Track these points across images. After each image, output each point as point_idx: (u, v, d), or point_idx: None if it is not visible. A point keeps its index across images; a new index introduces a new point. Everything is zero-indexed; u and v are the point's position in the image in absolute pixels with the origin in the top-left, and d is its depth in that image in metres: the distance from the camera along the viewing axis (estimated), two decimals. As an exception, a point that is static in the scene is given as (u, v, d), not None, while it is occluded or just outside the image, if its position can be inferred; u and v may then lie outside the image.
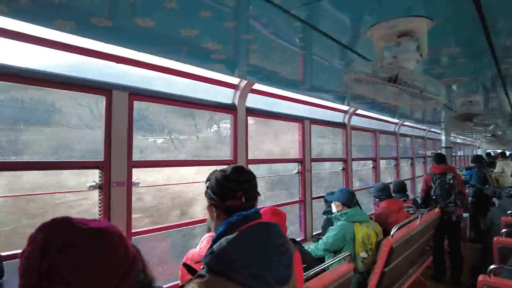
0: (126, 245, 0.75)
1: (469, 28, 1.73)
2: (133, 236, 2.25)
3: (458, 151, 12.87)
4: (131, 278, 0.73)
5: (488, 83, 3.16)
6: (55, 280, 0.63)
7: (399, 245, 2.84)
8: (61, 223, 0.69)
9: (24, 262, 0.66)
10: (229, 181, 1.15)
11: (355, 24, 1.62)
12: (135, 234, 2.27)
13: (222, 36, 1.79)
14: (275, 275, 1.04)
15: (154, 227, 2.40)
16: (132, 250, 0.78)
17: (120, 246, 0.73)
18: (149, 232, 2.35)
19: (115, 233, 0.73)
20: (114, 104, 2.18)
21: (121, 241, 0.74)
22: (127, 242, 0.76)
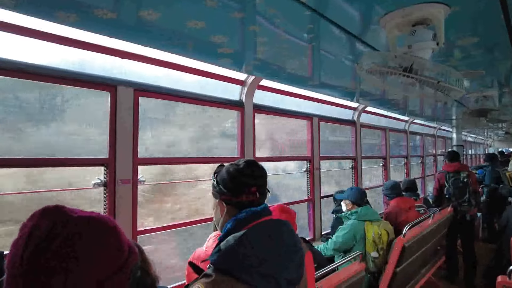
0: (118, 239, 0.69)
1: (489, 17, 1.65)
2: (139, 235, 2.21)
3: (469, 150, 12.63)
4: (124, 273, 0.68)
5: (505, 77, 3.05)
6: (38, 268, 0.58)
7: (411, 244, 2.76)
8: (51, 211, 0.65)
9: (11, 250, 0.62)
10: (243, 175, 1.09)
11: (368, 13, 1.55)
12: (141, 232, 2.23)
13: (228, 28, 1.74)
14: (286, 275, 0.98)
15: (160, 226, 2.36)
16: (128, 246, 0.72)
17: (110, 238, 0.67)
18: (155, 230, 2.31)
19: (106, 224, 0.68)
20: (119, 100, 2.14)
21: (112, 233, 0.69)
22: (120, 236, 0.70)
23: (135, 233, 2.18)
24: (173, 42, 1.92)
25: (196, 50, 2.06)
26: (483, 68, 2.60)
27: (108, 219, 0.70)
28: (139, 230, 2.21)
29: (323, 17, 1.60)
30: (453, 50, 2.16)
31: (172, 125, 2.76)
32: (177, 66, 2.47)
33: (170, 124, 2.73)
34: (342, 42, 2.00)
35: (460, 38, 1.90)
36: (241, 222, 1.05)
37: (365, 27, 1.73)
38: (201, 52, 2.12)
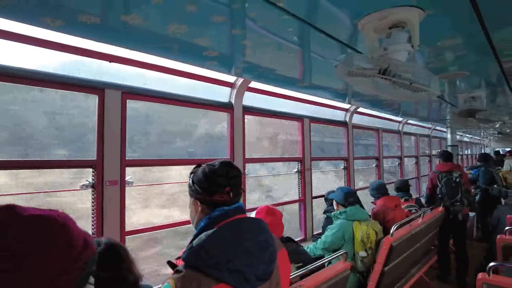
0: (69, 235, 0.72)
1: (463, 20, 1.68)
2: (127, 236, 2.24)
3: (465, 150, 12.67)
4: (76, 268, 0.70)
5: (490, 78, 3.09)
6: None
7: (399, 244, 2.79)
8: (1, 210, 0.67)
9: None
10: (218, 176, 1.13)
11: (346, 15, 1.58)
12: (129, 233, 2.26)
13: (211, 31, 1.76)
14: (255, 271, 1.01)
15: (148, 227, 2.38)
16: (84, 240, 0.75)
17: (58, 234, 0.70)
18: (143, 231, 2.34)
19: (54, 221, 0.71)
20: (106, 103, 2.18)
21: (61, 230, 0.71)
22: (72, 232, 0.73)
23: (123, 233, 2.21)
24: (158, 45, 1.95)
25: (181, 53, 2.09)
26: (467, 69, 2.63)
27: (58, 216, 0.72)
28: (127, 231, 2.24)
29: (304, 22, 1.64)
30: (436, 52, 2.19)
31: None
32: (166, 69, 2.51)
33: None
34: (326, 45, 2.03)
35: (439, 40, 1.93)
36: (214, 220, 1.08)
37: (346, 30, 1.76)
38: (187, 55, 2.15)
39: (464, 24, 1.76)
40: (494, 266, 1.81)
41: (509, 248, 2.41)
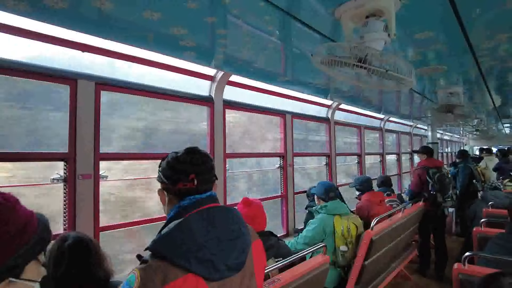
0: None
1: (440, 13, 1.69)
2: (101, 231, 2.16)
3: (445, 148, 12.96)
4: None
5: (468, 74, 3.14)
6: None
7: (380, 238, 2.80)
8: None
9: None
10: (180, 163, 1.08)
11: (323, 3, 1.56)
12: (103, 228, 2.18)
13: (186, 19, 1.71)
14: (226, 261, 0.97)
15: (123, 222, 2.31)
16: (20, 227, 0.73)
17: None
18: (118, 227, 2.26)
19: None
20: (79, 94, 2.09)
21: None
22: (8, 215, 0.72)
23: (97, 229, 2.13)
24: (131, 34, 1.88)
25: (157, 43, 2.02)
26: (445, 65, 2.67)
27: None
28: (101, 227, 2.16)
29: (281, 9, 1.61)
30: (413, 46, 2.20)
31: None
32: (144, 61, 2.45)
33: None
34: (303, 36, 2.01)
35: (416, 32, 1.94)
36: (184, 209, 1.04)
37: (325, 21, 1.74)
38: (163, 45, 2.09)
39: (441, 18, 1.77)
40: (469, 256, 1.83)
41: (484, 239, 2.45)
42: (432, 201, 4.07)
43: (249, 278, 1.07)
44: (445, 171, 4.15)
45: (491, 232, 2.51)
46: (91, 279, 1.34)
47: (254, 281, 1.10)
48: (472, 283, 1.17)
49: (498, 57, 2.52)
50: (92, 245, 1.41)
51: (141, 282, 0.86)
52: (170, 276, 0.88)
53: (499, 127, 10.22)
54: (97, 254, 1.41)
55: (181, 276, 0.89)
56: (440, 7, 1.62)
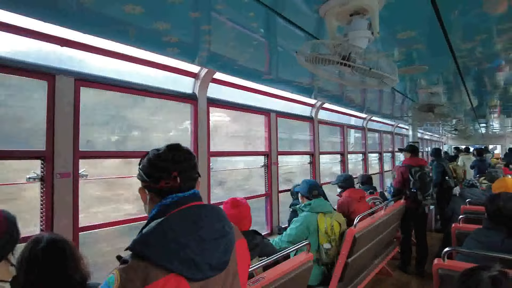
0: None
1: (422, 13, 1.72)
2: (81, 232, 2.10)
3: (426, 147, 13.30)
4: None
5: (448, 75, 3.22)
6: None
7: (363, 235, 2.83)
8: None
9: None
10: (162, 160, 1.05)
11: (308, 1, 1.56)
12: (83, 229, 2.12)
13: (169, 14, 1.68)
14: (209, 260, 0.95)
15: (104, 222, 2.25)
16: None
17: None
18: (99, 227, 2.20)
19: None
20: (58, 90, 2.02)
21: None
22: None
23: (77, 229, 2.07)
24: (112, 28, 1.83)
25: (139, 38, 1.97)
26: (426, 64, 2.72)
27: None
28: (81, 227, 2.10)
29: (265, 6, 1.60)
30: (396, 45, 2.23)
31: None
32: (126, 57, 2.39)
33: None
34: (288, 33, 2.00)
35: (399, 32, 1.97)
36: (166, 208, 1.01)
37: (309, 19, 1.74)
38: (145, 41, 2.04)
39: (422, 18, 1.80)
40: (448, 251, 1.87)
41: (462, 234, 2.52)
42: (413, 198, 4.15)
43: (232, 278, 1.06)
44: (427, 170, 4.24)
45: (469, 228, 2.58)
46: (67, 283, 1.29)
47: (238, 280, 1.09)
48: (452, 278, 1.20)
49: (475, 58, 2.59)
50: (68, 246, 1.35)
51: (121, 283, 0.83)
52: (151, 277, 0.85)
53: (476, 127, 10.55)
54: (73, 256, 1.35)
55: (162, 277, 0.86)
56: (421, 7, 1.65)
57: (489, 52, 2.44)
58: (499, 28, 1.96)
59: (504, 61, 2.74)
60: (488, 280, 0.99)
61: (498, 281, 0.98)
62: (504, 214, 1.90)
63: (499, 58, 2.64)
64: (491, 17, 1.80)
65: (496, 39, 2.16)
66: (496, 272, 1.01)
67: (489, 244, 1.87)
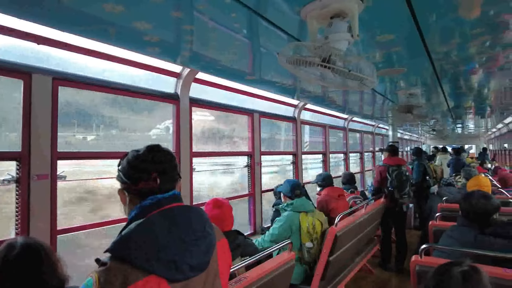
0: None
1: (399, 17, 1.77)
2: (59, 235, 2.05)
3: (406, 147, 13.63)
4: None
5: (425, 77, 3.31)
6: None
7: (344, 233, 2.88)
8: None
9: None
10: (142, 162, 1.04)
11: (289, 2, 1.57)
12: (62, 232, 2.07)
13: (150, 14, 1.66)
14: (189, 261, 0.95)
15: (84, 224, 2.21)
16: None
17: None
18: (77, 229, 2.16)
19: None
20: (34, 89, 1.97)
21: None
22: None
23: (55, 232, 2.02)
24: (92, 27, 1.80)
25: (119, 37, 1.95)
26: (405, 66, 2.79)
27: None
28: (59, 230, 2.05)
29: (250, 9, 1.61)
30: (375, 47, 2.29)
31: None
32: (107, 56, 2.35)
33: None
34: (270, 35, 2.02)
35: (378, 35, 2.01)
36: (145, 209, 1.00)
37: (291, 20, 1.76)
38: (126, 40, 2.02)
39: (400, 21, 1.85)
40: (425, 248, 1.93)
41: (439, 231, 2.59)
42: (390, 197, 4.27)
43: (213, 278, 1.06)
44: (404, 169, 4.35)
45: (445, 225, 2.66)
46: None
47: (219, 280, 1.09)
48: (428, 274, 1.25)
49: (451, 61, 2.69)
50: (44, 251, 1.30)
51: (100, 286, 0.82)
52: (131, 278, 0.84)
53: (452, 127, 10.89)
54: (50, 260, 1.30)
55: (142, 278, 0.86)
56: (399, 11, 1.70)
57: (463, 55, 2.53)
58: (473, 32, 2.03)
59: (478, 64, 2.85)
60: (459, 275, 1.03)
61: (468, 276, 1.03)
62: (477, 212, 1.98)
63: (473, 61, 2.74)
64: (465, 21, 1.87)
65: (470, 43, 2.24)
66: (466, 267, 1.06)
67: (462, 240, 1.94)
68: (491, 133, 13.50)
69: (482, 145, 15.01)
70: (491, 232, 1.89)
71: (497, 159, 11.98)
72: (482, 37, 2.11)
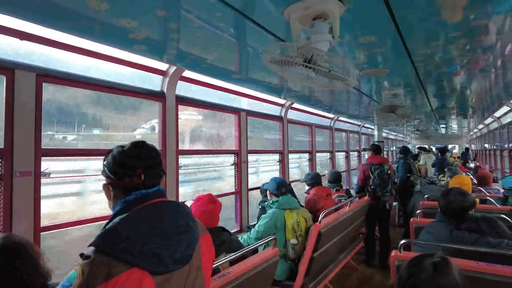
0: None
1: (379, 18, 1.82)
2: (43, 232, 2.04)
3: (391, 146, 13.87)
4: None
5: (407, 78, 3.39)
6: None
7: (327, 230, 2.94)
8: None
9: None
10: (127, 157, 1.06)
11: (273, 2, 1.61)
12: (45, 229, 2.06)
13: (136, 11, 1.67)
14: (172, 254, 0.98)
15: (68, 221, 2.20)
16: None
17: None
18: (61, 226, 2.15)
19: None
20: (17, 85, 1.95)
21: None
22: None
23: (38, 229, 2.00)
24: (77, 24, 1.79)
25: (104, 35, 1.95)
26: (387, 67, 2.86)
27: None
28: (42, 227, 2.04)
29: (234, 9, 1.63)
30: (357, 49, 2.34)
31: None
32: (91, 53, 2.33)
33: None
34: (255, 35, 2.05)
35: (360, 36, 2.07)
36: (130, 204, 1.03)
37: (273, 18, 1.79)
38: (111, 37, 2.02)
39: (380, 24, 1.90)
40: (404, 243, 2.01)
41: (420, 228, 2.67)
42: (373, 194, 4.37)
43: (196, 272, 1.08)
44: (386, 168, 4.46)
45: (426, 222, 2.75)
46: (24, 286, 1.23)
47: (202, 274, 1.12)
48: (403, 266, 1.32)
49: (433, 63, 2.76)
50: (23, 247, 1.26)
51: (83, 278, 0.84)
52: (114, 271, 0.86)
53: (436, 128, 11.13)
54: (31, 257, 1.28)
55: (125, 271, 0.88)
56: (378, 13, 1.74)
57: (445, 58, 2.60)
58: (453, 35, 2.09)
59: (459, 66, 2.94)
60: (430, 266, 1.09)
61: (439, 267, 1.08)
62: (454, 208, 2.06)
63: (455, 64, 2.82)
64: (445, 24, 1.93)
65: (451, 46, 2.31)
66: (438, 258, 1.12)
67: (439, 235, 2.02)
68: (472, 134, 13.85)
69: (464, 145, 15.39)
70: (466, 227, 1.97)
71: (478, 158, 12.31)
72: (462, 39, 2.17)
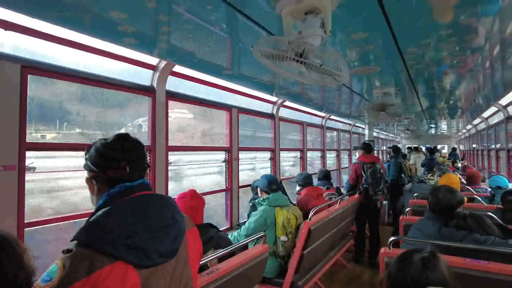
0: None
1: (370, 13, 1.81)
2: (27, 228, 1.99)
3: (382, 146, 13.99)
4: None
5: (398, 77, 3.41)
6: None
7: (317, 228, 2.94)
8: None
9: None
10: (110, 150, 1.03)
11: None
12: (30, 225, 2.01)
13: (125, 3, 1.63)
14: (158, 247, 0.96)
15: (53, 217, 2.15)
16: None
17: None
18: (46, 222, 2.10)
19: None
20: (1, 76, 1.90)
21: None
22: None
23: (22, 225, 1.95)
24: (64, 14, 1.75)
25: (93, 27, 1.91)
26: (378, 65, 2.87)
27: None
28: (26, 223, 1.99)
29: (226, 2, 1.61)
30: (349, 45, 2.34)
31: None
32: (79, 45, 2.28)
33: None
34: (246, 29, 2.03)
35: (352, 33, 2.06)
36: (114, 197, 1.00)
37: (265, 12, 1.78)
38: (100, 29, 1.97)
39: (372, 21, 1.90)
40: (393, 240, 2.01)
41: (409, 225, 2.69)
42: (365, 193, 4.38)
43: (182, 266, 1.06)
44: (378, 167, 4.48)
45: (415, 220, 2.77)
46: (7, 284, 1.19)
47: (188, 268, 1.10)
48: (392, 262, 1.32)
49: (424, 62, 2.78)
50: (6, 243, 1.24)
51: (64, 272, 0.81)
52: (97, 264, 0.84)
53: (426, 128, 11.27)
54: (14, 253, 1.24)
55: (108, 264, 0.85)
56: (371, 10, 1.74)
57: (435, 58, 2.62)
58: (443, 34, 2.11)
59: (449, 67, 2.96)
60: (419, 261, 1.09)
61: (427, 261, 1.09)
62: (442, 205, 2.07)
63: (444, 64, 2.84)
64: (436, 24, 1.94)
65: (441, 46, 2.33)
66: (426, 254, 1.12)
67: (428, 232, 2.03)
68: (461, 134, 14.06)
69: (453, 145, 15.61)
70: (454, 224, 1.99)
71: (466, 158, 12.51)
72: (451, 39, 2.18)
